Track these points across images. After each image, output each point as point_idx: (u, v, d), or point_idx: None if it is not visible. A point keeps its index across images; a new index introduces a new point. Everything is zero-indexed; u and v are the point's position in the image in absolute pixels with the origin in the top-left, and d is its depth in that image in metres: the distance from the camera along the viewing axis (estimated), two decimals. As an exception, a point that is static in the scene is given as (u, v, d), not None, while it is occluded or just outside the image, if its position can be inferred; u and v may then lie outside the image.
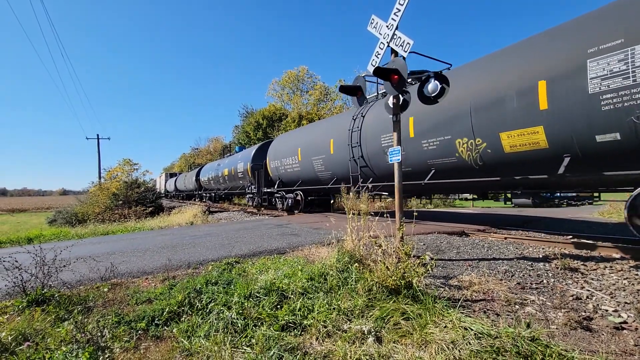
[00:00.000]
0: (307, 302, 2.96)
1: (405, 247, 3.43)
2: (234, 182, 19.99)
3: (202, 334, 2.49)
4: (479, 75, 6.33)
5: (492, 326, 2.42)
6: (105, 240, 8.11)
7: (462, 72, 6.78)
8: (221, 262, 4.56)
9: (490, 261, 4.59)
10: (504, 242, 5.90)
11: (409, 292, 2.99)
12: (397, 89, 4.52)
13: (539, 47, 5.44)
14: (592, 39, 4.67)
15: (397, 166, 4.65)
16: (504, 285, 3.62)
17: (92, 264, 4.35)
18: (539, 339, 2.20)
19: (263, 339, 2.39)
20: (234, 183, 20.12)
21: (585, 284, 3.69)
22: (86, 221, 16.69)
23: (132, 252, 5.63)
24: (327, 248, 5.09)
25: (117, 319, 2.74)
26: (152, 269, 4.38)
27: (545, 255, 4.93)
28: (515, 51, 5.94)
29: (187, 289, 3.28)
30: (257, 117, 36.62)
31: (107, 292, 3.53)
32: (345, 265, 3.68)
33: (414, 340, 2.33)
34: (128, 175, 23.70)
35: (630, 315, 2.84)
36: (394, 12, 4.53)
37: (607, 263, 4.47)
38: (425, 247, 5.46)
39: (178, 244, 6.25)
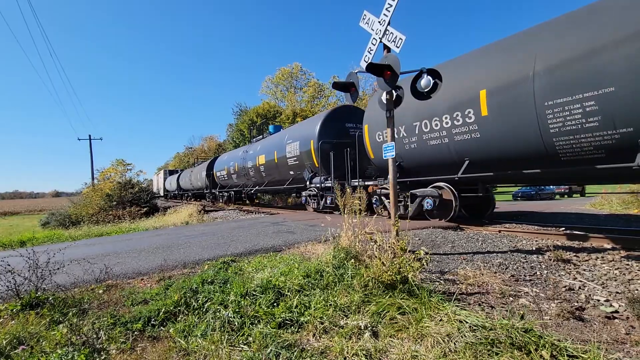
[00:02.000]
0: (303, 299, 2.97)
1: (400, 242, 3.46)
2: (278, 173, 14.32)
3: (199, 334, 2.48)
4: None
5: (487, 318, 2.45)
6: (99, 241, 8.04)
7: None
8: (217, 261, 4.55)
9: (484, 254, 4.63)
10: (498, 235, 5.96)
11: (405, 287, 3.01)
12: (390, 84, 4.53)
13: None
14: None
15: (391, 161, 4.66)
16: (498, 277, 3.67)
17: (86, 265, 4.31)
18: (533, 330, 2.23)
19: (260, 336, 2.39)
20: (277, 175, 14.50)
21: (577, 275, 3.75)
22: (80, 223, 16.55)
23: (127, 253, 5.59)
24: (323, 245, 5.10)
25: (113, 320, 2.73)
26: (148, 270, 4.35)
27: (539, 247, 4.99)
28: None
29: (183, 289, 3.27)
30: (251, 115, 36.44)
31: (102, 293, 3.50)
32: (341, 262, 3.70)
33: (410, 334, 2.36)
34: (122, 175, 23.53)
35: (621, 305, 2.89)
36: (386, 8, 4.52)
37: (599, 254, 4.54)
38: (420, 241, 5.50)
39: (173, 244, 6.22)
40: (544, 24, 5.70)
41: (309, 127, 11.74)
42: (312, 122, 11.96)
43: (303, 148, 11.83)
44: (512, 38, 6.18)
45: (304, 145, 11.81)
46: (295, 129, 13.68)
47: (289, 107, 35.52)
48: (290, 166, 13.06)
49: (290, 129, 14.24)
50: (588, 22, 4.90)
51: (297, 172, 12.80)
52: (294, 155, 12.52)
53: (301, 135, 12.19)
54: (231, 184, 20.90)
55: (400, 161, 8.13)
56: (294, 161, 12.63)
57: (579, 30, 4.97)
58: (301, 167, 12.24)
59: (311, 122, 12.08)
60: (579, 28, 4.99)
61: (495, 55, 6.25)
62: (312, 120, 12.20)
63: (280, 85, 39.10)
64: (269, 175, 15.26)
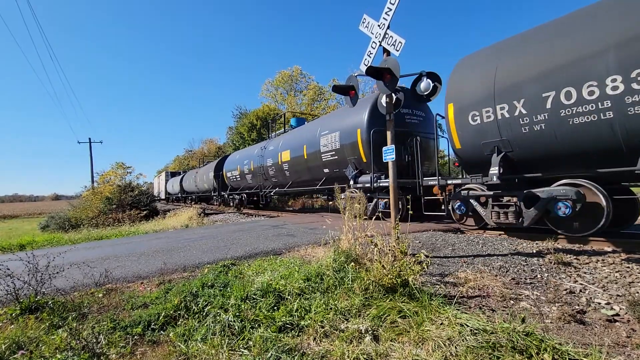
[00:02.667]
0: (304, 303, 2.96)
1: (400, 245, 3.45)
2: (307, 171, 11.92)
3: (199, 338, 2.47)
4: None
5: (488, 322, 2.44)
6: (99, 245, 8.03)
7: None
8: (217, 264, 4.54)
9: (485, 257, 4.63)
10: (499, 238, 5.95)
11: (405, 290, 3.01)
12: (389, 87, 4.54)
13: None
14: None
15: (392, 164, 4.67)
16: (499, 280, 3.66)
17: (86, 269, 4.30)
18: (534, 333, 2.22)
19: (260, 340, 2.38)
20: (307, 174, 12.09)
21: (578, 278, 3.74)
22: (79, 226, 16.54)
23: (127, 256, 5.58)
24: (323, 248, 5.10)
25: (113, 324, 2.72)
26: (148, 273, 4.34)
27: (539, 250, 4.99)
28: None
29: (183, 293, 3.26)
30: (251, 118, 36.48)
31: (102, 297, 3.49)
32: (342, 265, 3.69)
33: (411, 337, 2.35)
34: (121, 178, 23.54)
35: (622, 308, 2.88)
36: (385, 12, 4.55)
37: (600, 256, 4.53)
38: (420, 245, 5.49)
39: (173, 247, 6.21)
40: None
41: (354, 114, 9.43)
42: (357, 108, 8.96)
43: (346, 140, 9.69)
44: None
45: (346, 136, 9.66)
46: (332, 118, 11.37)
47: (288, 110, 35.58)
48: (325, 163, 10.96)
49: (325, 118, 11.89)
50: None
51: (333, 170, 10.59)
52: (332, 150, 10.39)
53: (342, 125, 10.05)
54: (244, 186, 18.52)
55: (507, 151, 5.88)
56: (331, 156, 10.46)
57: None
58: (340, 164, 10.11)
59: (356, 108, 8.73)
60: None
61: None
62: (356, 106, 8.69)
63: (280, 88, 39.19)
64: (296, 174, 12.94)
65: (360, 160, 9.37)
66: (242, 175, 18.08)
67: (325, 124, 11.26)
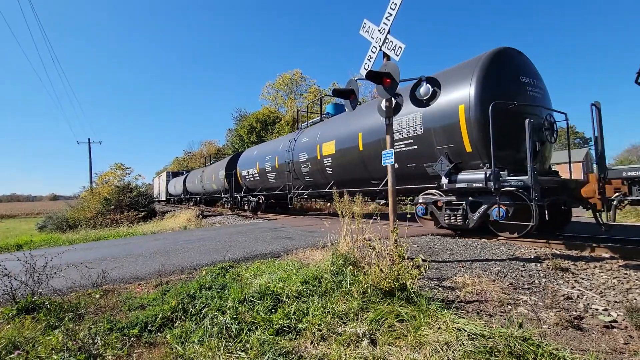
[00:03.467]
0: (301, 306, 2.96)
1: (399, 249, 3.46)
2: (363, 167, 9.32)
3: (196, 340, 2.47)
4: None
5: (485, 327, 2.44)
6: (97, 245, 8.00)
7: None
8: (215, 266, 4.54)
9: (483, 262, 4.63)
10: (497, 243, 5.95)
11: (403, 294, 3.01)
12: (389, 92, 4.57)
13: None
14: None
15: (390, 169, 4.68)
16: (497, 285, 3.66)
17: (83, 270, 4.29)
18: (531, 338, 2.23)
19: (257, 343, 2.38)
20: (361, 170, 9.43)
21: (575, 284, 3.75)
22: (77, 226, 16.47)
23: (125, 257, 5.57)
24: (321, 251, 5.10)
25: (110, 325, 2.71)
26: (145, 275, 4.33)
27: (537, 255, 4.99)
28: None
29: (181, 295, 3.25)
30: (251, 120, 36.59)
31: (99, 298, 3.48)
32: (340, 268, 3.69)
33: (408, 342, 2.35)
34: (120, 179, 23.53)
35: (619, 314, 2.89)
36: (386, 17, 4.58)
37: (597, 262, 4.54)
38: (419, 249, 5.49)
39: (171, 248, 6.19)
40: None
41: (450, 86, 6.66)
42: (453, 77, 6.78)
43: (435, 122, 6.93)
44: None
45: (437, 117, 6.88)
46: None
47: (289, 113, 35.66)
48: (397, 154, 7.61)
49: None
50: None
51: (407, 165, 7.79)
52: (407, 137, 7.58)
53: (440, 96, 6.70)
54: (265, 186, 15.67)
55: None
56: (405, 146, 7.66)
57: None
58: (421, 156, 7.41)
59: (450, 77, 6.79)
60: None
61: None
62: (452, 74, 6.87)
63: (280, 91, 39.36)
64: (343, 171, 10.21)
65: (459, 150, 6.59)
66: (263, 174, 15.19)
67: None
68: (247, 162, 17.05)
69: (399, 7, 4.44)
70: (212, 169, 23.18)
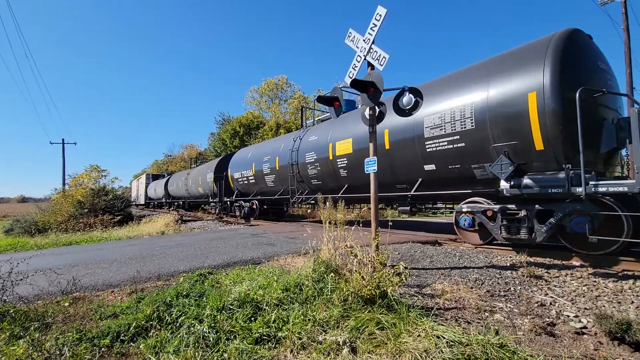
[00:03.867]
0: (282, 314, 2.91)
1: (380, 256, 3.48)
2: (390, 171, 8.00)
3: (171, 350, 2.38)
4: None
5: (463, 334, 2.48)
6: (68, 251, 7.65)
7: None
8: (193, 273, 4.42)
9: (461, 270, 4.72)
10: (475, 251, 6.09)
11: (384, 302, 3.02)
12: (373, 100, 4.63)
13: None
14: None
15: (373, 176, 4.73)
16: (475, 293, 3.73)
17: (52, 276, 4.08)
18: (507, 345, 2.28)
19: (236, 352, 2.32)
20: (386, 172, 7.95)
21: (548, 291, 3.87)
22: (47, 230, 15.69)
23: (98, 263, 5.34)
24: (303, 258, 5.06)
25: (79, 335, 2.58)
26: (119, 282, 4.17)
27: (513, 263, 5.14)
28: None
29: (157, 302, 3.14)
30: (234, 124, 36.23)
31: (68, 306, 3.31)
32: (321, 275, 3.67)
33: (388, 349, 2.35)
34: (95, 182, 22.67)
35: (589, 321, 3.00)
36: (371, 27, 4.67)
37: (569, 270, 4.72)
38: (400, 256, 5.55)
39: (147, 254, 5.99)
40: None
41: (512, 71, 5.72)
42: (514, 59, 5.89)
43: (498, 115, 5.73)
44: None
45: (496, 107, 5.75)
46: (450, 83, 6.90)
47: (272, 119, 35.57)
48: (431, 154, 6.88)
49: (434, 85, 7.24)
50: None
51: (448, 167, 6.67)
52: (451, 133, 6.40)
53: (482, 91, 6.03)
54: (260, 190, 14.35)
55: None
56: (448, 144, 6.48)
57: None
58: (469, 156, 6.25)
59: (511, 59, 5.95)
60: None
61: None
62: (515, 56, 5.96)
63: (265, 96, 39.24)
64: (362, 173, 7.40)
65: (525, 148, 5.51)
66: (259, 177, 13.85)
67: (435, 93, 6.90)
68: (241, 163, 15.63)
69: (384, 19, 4.54)
70: (198, 171, 21.76)
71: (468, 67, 6.98)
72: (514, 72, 5.69)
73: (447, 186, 6.92)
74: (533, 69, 5.43)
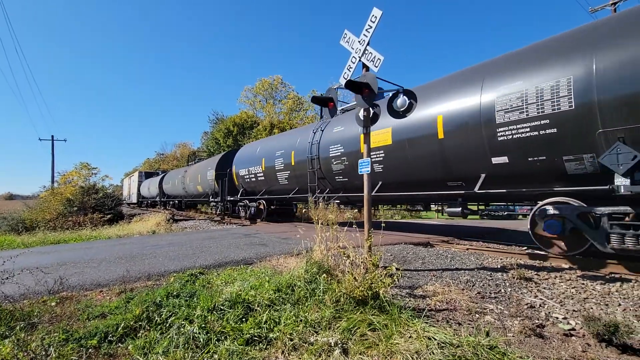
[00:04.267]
0: (273, 315, 2.89)
1: (373, 257, 3.48)
2: (441, 162, 6.82)
3: (161, 351, 2.35)
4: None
5: (454, 335, 2.49)
6: (56, 249, 7.51)
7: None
8: (184, 273, 4.37)
9: (453, 271, 4.75)
10: (466, 253, 6.15)
11: (376, 303, 3.02)
12: (367, 102, 4.64)
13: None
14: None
15: (367, 177, 4.73)
16: (466, 294, 3.76)
17: (39, 275, 4.00)
18: (497, 347, 2.29)
19: (226, 354, 2.30)
20: (436, 166, 6.97)
21: (538, 293, 3.92)
22: (35, 229, 15.40)
23: (86, 262, 5.25)
24: (295, 258, 5.04)
25: (65, 336, 2.52)
26: (108, 281, 4.10)
27: (503, 265, 5.19)
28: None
29: (146, 302, 3.10)
30: (228, 123, 35.98)
31: (55, 306, 3.25)
32: (314, 276, 3.66)
33: (380, 351, 2.35)
34: (85, 180, 22.35)
35: (578, 323, 3.04)
36: (366, 29, 4.68)
37: (558, 273, 4.78)
38: (392, 257, 5.56)
39: (138, 254, 5.91)
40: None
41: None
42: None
43: (613, 90, 4.57)
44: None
45: (620, 82, 4.51)
46: (547, 48, 5.57)
47: (266, 118, 35.44)
48: (504, 143, 5.71)
49: (505, 60, 6.14)
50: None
51: (533, 157, 5.45)
52: (548, 114, 5.16)
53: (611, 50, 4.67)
54: (271, 189, 13.02)
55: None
56: (541, 130, 5.25)
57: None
58: (564, 144, 5.09)
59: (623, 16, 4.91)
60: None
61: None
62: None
63: (259, 96, 39.08)
64: (405, 169, 7.62)
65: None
66: (270, 174, 12.47)
67: (510, 69, 5.78)
68: (248, 159, 14.04)
69: (379, 21, 4.55)
70: (197, 168, 20.20)
71: (555, 36, 5.73)
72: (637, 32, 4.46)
73: (519, 184, 5.79)
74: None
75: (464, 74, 6.81)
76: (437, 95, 6.95)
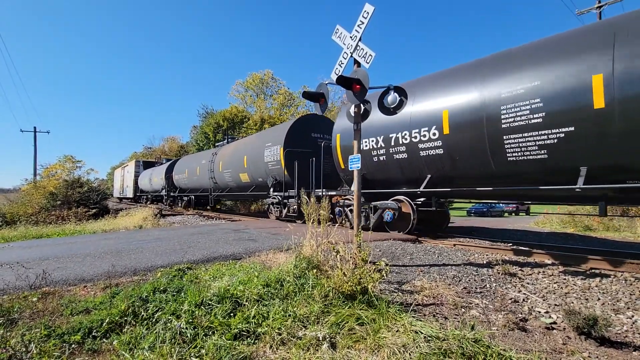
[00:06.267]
0: (262, 309, 2.89)
1: (362, 253, 3.50)
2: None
3: (147, 346, 2.31)
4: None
5: (441, 329, 2.53)
6: (38, 244, 7.32)
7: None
8: (171, 268, 4.31)
9: (440, 267, 4.82)
10: (453, 249, 6.24)
11: (364, 298, 3.04)
12: (358, 98, 4.64)
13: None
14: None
15: (357, 173, 4.75)
16: (452, 289, 3.82)
17: (20, 270, 3.89)
18: (482, 340, 2.34)
19: (214, 349, 2.28)
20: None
21: (522, 288, 4.01)
22: (16, 223, 14.97)
23: (70, 257, 5.13)
24: (285, 254, 5.03)
25: (47, 331, 2.47)
26: (92, 276, 4.02)
27: (489, 261, 5.29)
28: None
29: (132, 298, 3.05)
30: (218, 118, 35.53)
31: (37, 302, 3.16)
32: (303, 271, 3.66)
33: (368, 345, 2.37)
34: (70, 173, 21.81)
35: (559, 316, 3.13)
36: (358, 25, 4.66)
37: (541, 268, 4.90)
38: (381, 253, 5.61)
39: (124, 249, 5.81)
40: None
41: None
42: None
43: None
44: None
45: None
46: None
47: (257, 113, 35.13)
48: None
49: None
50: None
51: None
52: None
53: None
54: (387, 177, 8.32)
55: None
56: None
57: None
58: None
59: None
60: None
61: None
62: None
63: (250, 91, 38.68)
64: (470, 160, 6.24)
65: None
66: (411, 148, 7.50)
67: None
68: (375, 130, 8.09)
69: (371, 16, 4.54)
70: (238, 147, 14.59)
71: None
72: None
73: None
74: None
75: (524, 51, 5.73)
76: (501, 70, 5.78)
